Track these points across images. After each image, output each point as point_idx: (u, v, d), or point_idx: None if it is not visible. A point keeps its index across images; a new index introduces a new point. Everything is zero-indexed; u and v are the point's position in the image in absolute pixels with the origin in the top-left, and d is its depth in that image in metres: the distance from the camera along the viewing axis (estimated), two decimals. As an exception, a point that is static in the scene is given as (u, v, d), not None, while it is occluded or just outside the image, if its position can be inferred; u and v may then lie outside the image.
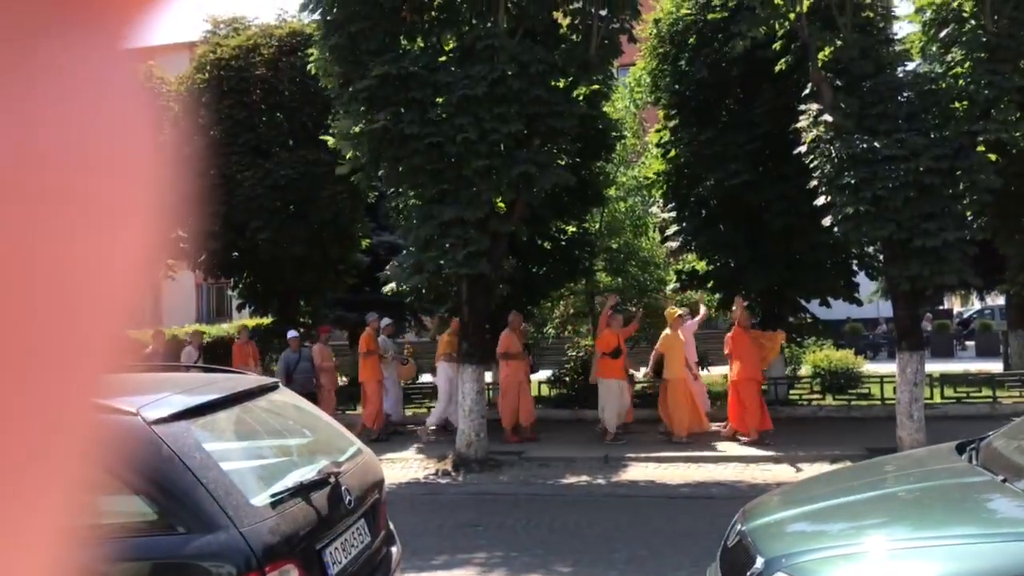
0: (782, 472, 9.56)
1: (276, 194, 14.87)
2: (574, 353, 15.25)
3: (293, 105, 15.75)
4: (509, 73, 9.67)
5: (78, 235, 0.32)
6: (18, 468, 0.30)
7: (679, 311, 12.46)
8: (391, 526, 4.52)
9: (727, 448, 10.88)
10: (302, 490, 3.49)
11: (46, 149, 0.31)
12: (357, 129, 10.03)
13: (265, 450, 4.08)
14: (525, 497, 8.74)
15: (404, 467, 10.72)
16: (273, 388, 4.35)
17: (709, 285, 15.22)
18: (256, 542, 2.99)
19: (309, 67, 11.00)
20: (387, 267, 12.19)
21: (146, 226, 0.35)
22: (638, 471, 9.94)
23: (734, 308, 12.29)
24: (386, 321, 13.60)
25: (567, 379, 14.84)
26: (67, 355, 0.32)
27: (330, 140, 10.86)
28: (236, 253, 16.05)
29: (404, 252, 11.31)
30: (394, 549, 4.42)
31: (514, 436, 11.81)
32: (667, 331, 11.90)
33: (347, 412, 13.66)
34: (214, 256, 15.83)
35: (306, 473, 3.72)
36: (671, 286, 16.88)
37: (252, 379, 4.42)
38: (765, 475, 9.48)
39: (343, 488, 3.78)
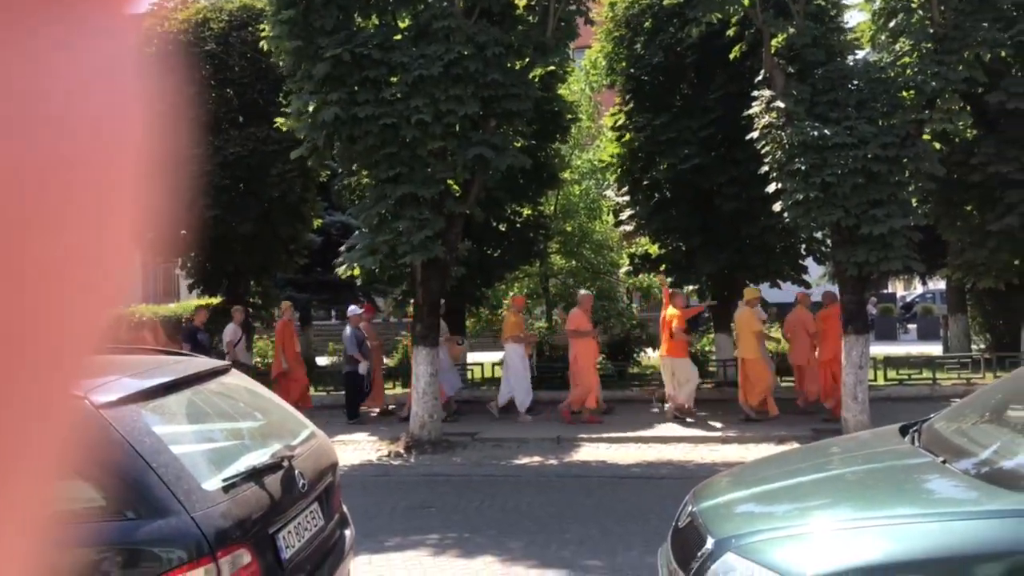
0: (730, 452, 9.75)
1: (225, 171, 14.60)
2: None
3: (244, 81, 15.44)
4: (465, 54, 9.60)
5: (58, 218, 0.31)
6: None
7: (757, 290, 12.40)
8: (344, 509, 4.51)
9: (676, 429, 11.05)
10: (255, 474, 3.46)
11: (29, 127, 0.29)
12: (311, 109, 9.88)
13: (217, 434, 4.03)
14: (478, 478, 8.79)
15: (357, 449, 10.68)
16: (225, 371, 4.29)
17: (662, 268, 15.38)
18: (208, 527, 2.96)
19: (261, 43, 10.79)
20: (341, 248, 12.09)
21: (127, 207, 0.34)
22: (590, 452, 10.05)
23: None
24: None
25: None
26: (40, 339, 0.31)
27: (282, 122, 10.69)
28: (184, 232, 15.74)
29: (357, 233, 11.21)
30: (348, 532, 4.41)
31: (594, 417, 11.56)
32: (745, 308, 11.80)
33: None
34: (161, 235, 15.49)
35: (259, 457, 3.68)
36: (624, 269, 17.02)
37: (203, 362, 4.36)
38: (713, 455, 9.65)
39: (296, 471, 3.75)
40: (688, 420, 11.40)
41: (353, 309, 13.27)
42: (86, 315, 0.33)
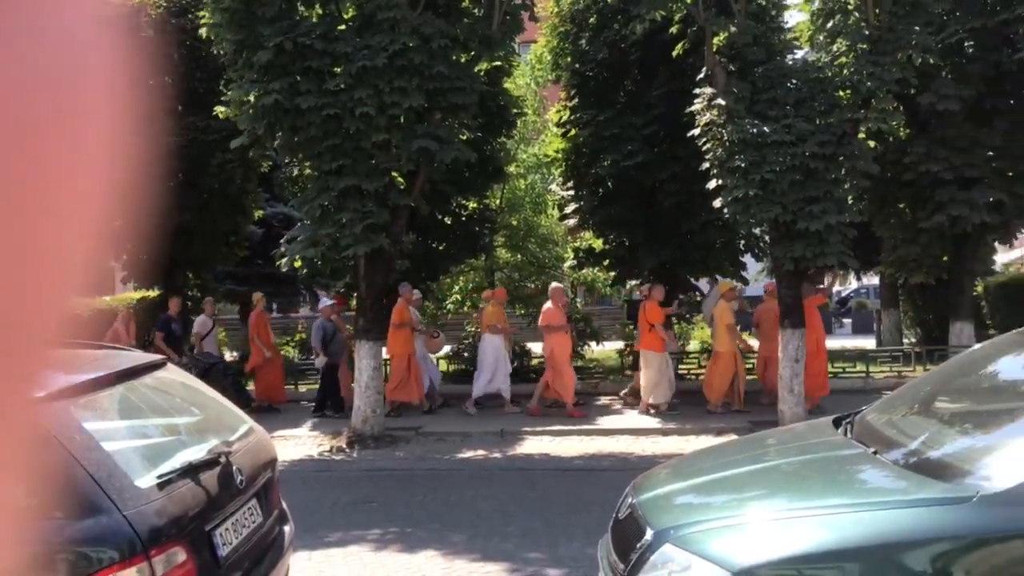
0: (670, 444, 9.89)
1: (163, 161, 14.23)
2: (473, 329, 15.29)
3: (182, 70, 15.08)
4: (410, 46, 9.53)
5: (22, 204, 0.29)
6: None
7: (733, 283, 12.42)
8: (284, 505, 4.45)
9: (617, 421, 11.17)
10: (191, 470, 3.39)
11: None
12: (252, 98, 9.70)
13: (152, 430, 3.93)
14: (421, 473, 8.76)
15: (298, 444, 10.55)
16: (160, 365, 4.19)
17: (605, 263, 15.52)
18: (141, 525, 2.89)
19: (200, 31, 10.55)
20: (282, 240, 11.90)
21: (78, 199, 0.32)
22: (533, 444, 10.10)
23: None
24: (417, 294, 13.22)
25: (466, 354, 14.87)
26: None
27: (221, 111, 10.47)
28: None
29: (299, 225, 11.06)
30: (287, 528, 4.36)
31: (578, 411, 11.51)
32: (720, 301, 11.89)
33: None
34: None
35: (195, 453, 3.61)
36: (568, 263, 17.12)
37: (137, 356, 4.25)
38: (654, 447, 9.78)
39: (234, 467, 3.69)
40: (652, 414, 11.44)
41: (324, 301, 13.08)
42: (38, 309, 0.31)
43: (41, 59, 0.30)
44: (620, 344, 15.98)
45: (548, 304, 11.88)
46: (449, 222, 14.94)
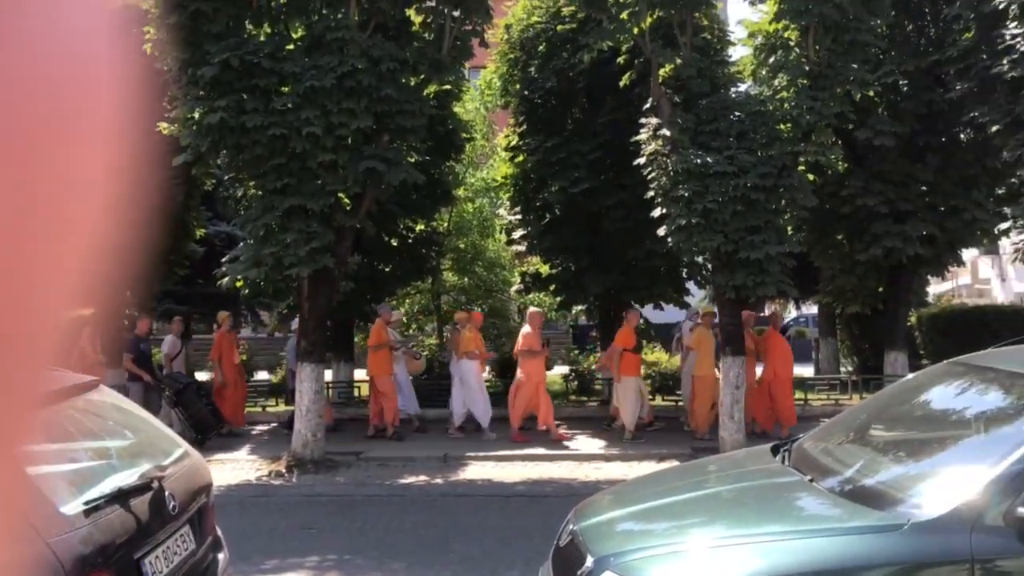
0: (613, 470, 9.92)
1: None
2: (441, 351, 15.22)
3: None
4: (359, 67, 9.50)
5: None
6: None
7: (712, 308, 12.37)
8: (218, 531, 4.33)
9: (561, 447, 11.16)
10: (120, 496, 3.28)
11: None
12: (196, 115, 9.55)
13: (80, 454, 3.79)
14: (361, 498, 8.62)
15: (236, 468, 10.31)
16: (91, 387, 4.06)
17: (552, 287, 15.59)
18: (65, 554, 2.78)
19: (145, 46, 10.36)
20: (224, 259, 11.68)
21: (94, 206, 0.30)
22: (476, 470, 10.03)
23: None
24: (396, 314, 12.97)
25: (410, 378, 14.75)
26: None
27: (165, 127, 10.29)
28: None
29: (242, 244, 10.88)
30: (221, 555, 4.24)
31: (521, 436, 11.43)
32: (700, 328, 11.90)
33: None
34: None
35: (126, 478, 3.49)
36: (516, 287, 17.16)
37: (67, 377, 4.11)
38: (597, 473, 9.80)
39: (167, 493, 3.58)
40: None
41: (294, 323, 12.88)
42: (31, 324, 0.29)
43: (42, 61, 0.28)
44: (565, 369, 16.03)
45: (527, 328, 11.91)
46: (396, 244, 14.87)
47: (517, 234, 15.15)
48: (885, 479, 3.50)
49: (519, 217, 15.07)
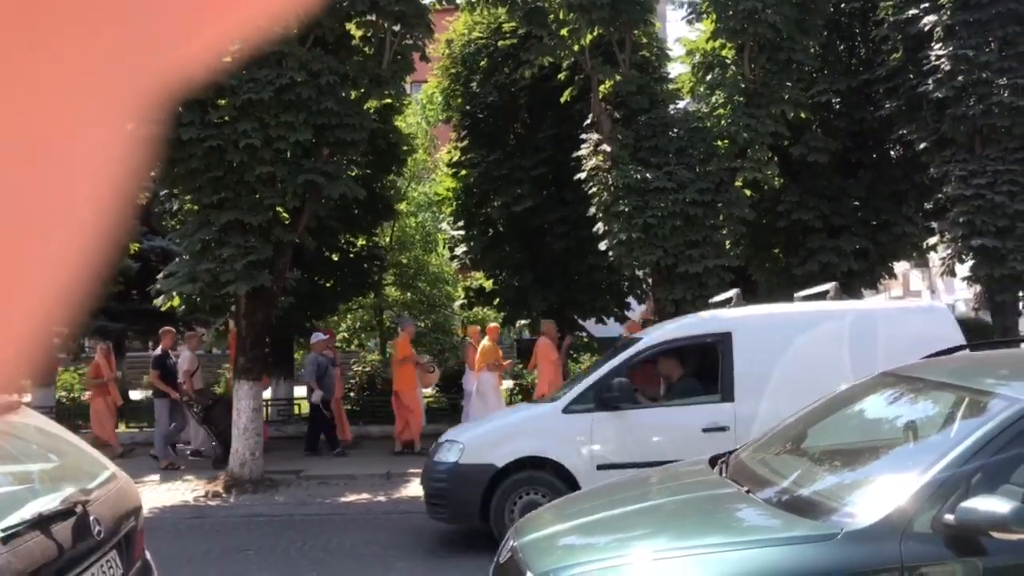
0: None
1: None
2: (360, 368, 15.03)
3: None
4: (298, 80, 9.39)
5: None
6: None
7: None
8: (148, 555, 4.18)
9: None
10: (41, 522, 3.14)
11: None
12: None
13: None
14: (301, 518, 8.45)
15: (171, 489, 10.02)
16: (13, 408, 3.89)
17: (495, 302, 15.59)
18: (-20, 584, 2.65)
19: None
20: (159, 275, 11.39)
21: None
22: (420, 487, 9.90)
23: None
24: (409, 324, 12.80)
25: (351, 394, 14.58)
26: None
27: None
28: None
29: (177, 260, 10.63)
30: (151, 581, 4.09)
31: None
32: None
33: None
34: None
35: (48, 503, 3.35)
36: (459, 302, 17.11)
37: (-14, 398, 3.93)
38: (542, 488, 9.76)
39: (92, 517, 3.44)
40: None
41: (317, 335, 12.70)
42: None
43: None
44: (510, 383, 16.00)
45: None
46: (337, 259, 14.70)
47: (460, 249, 15.12)
48: (819, 489, 3.55)
49: (462, 232, 15.05)
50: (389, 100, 11.76)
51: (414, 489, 9.83)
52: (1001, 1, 10.92)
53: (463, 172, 14.46)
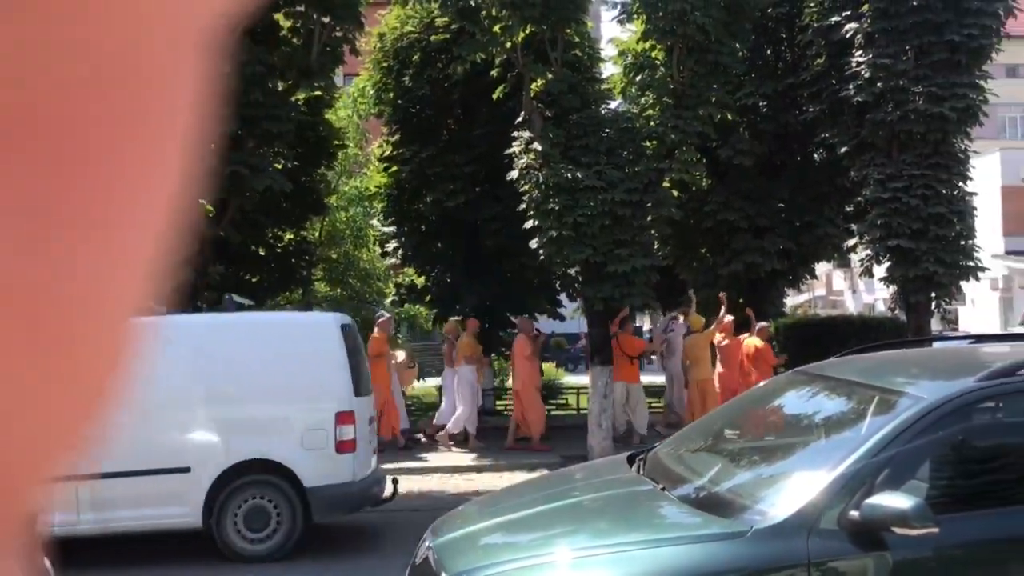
0: (485, 481, 9.88)
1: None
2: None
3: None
4: (224, 70, 9.15)
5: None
6: None
7: (701, 318, 12.60)
8: (47, 564, 4.01)
9: (433, 459, 11.06)
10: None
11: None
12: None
13: None
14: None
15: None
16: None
17: (427, 299, 15.50)
18: None
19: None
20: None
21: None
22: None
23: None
24: (385, 318, 12.46)
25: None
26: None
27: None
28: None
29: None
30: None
31: (542, 444, 11.40)
32: (694, 334, 12.17)
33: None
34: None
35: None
36: (390, 299, 16.96)
37: None
38: (469, 484, 9.74)
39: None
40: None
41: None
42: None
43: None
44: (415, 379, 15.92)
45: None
46: (264, 253, 14.40)
47: (391, 245, 14.98)
48: (732, 486, 3.60)
49: (393, 228, 14.91)
50: (319, 93, 11.57)
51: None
52: (917, 12, 11.29)
53: (395, 168, 14.33)
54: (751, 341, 11.57)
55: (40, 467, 0.25)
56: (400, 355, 12.87)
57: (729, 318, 11.82)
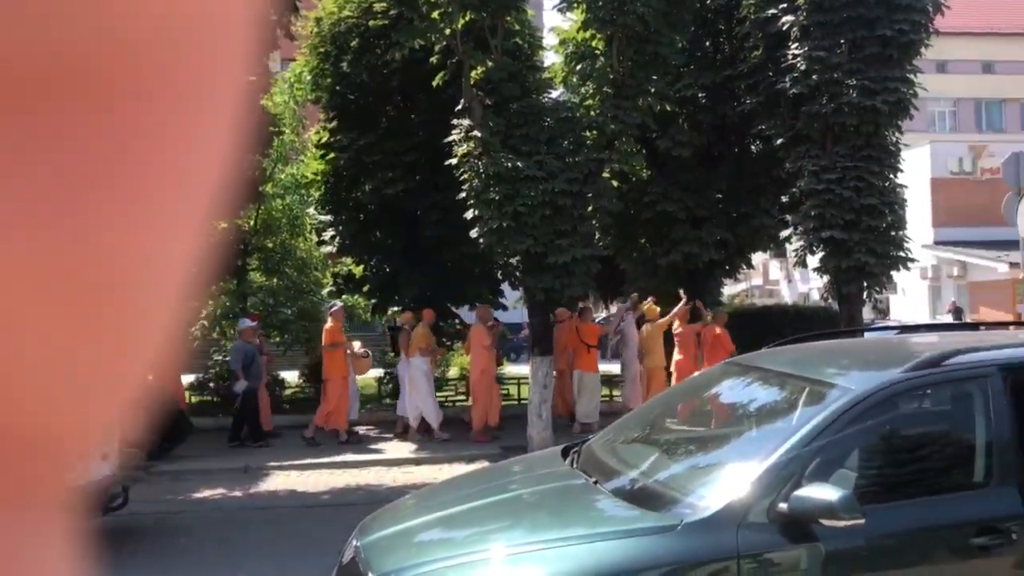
0: (424, 474, 9.77)
1: None
2: (220, 358, 14.40)
3: None
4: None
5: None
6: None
7: (656, 307, 12.50)
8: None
9: (369, 453, 10.91)
10: None
11: None
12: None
13: None
14: (146, 516, 7.97)
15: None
16: None
17: (365, 289, 15.27)
18: None
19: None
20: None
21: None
22: (279, 480, 9.59)
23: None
24: (337, 308, 12.28)
25: (212, 384, 13.97)
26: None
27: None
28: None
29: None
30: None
31: (483, 436, 11.26)
32: (648, 324, 12.16)
33: None
34: None
35: None
36: (327, 289, 16.67)
37: None
38: (407, 477, 9.63)
39: None
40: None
41: (244, 321, 12.13)
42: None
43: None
44: (380, 372, 15.73)
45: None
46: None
47: (328, 234, 14.71)
48: (663, 479, 3.58)
49: (330, 216, 14.64)
50: (252, 78, 11.24)
51: (273, 483, 9.51)
52: (850, 6, 11.46)
53: (332, 155, 14.05)
54: (711, 328, 11.80)
55: (86, 439, 0.26)
56: (356, 345, 12.66)
57: (684, 307, 12.07)
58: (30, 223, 0.21)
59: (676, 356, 12.07)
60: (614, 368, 14.73)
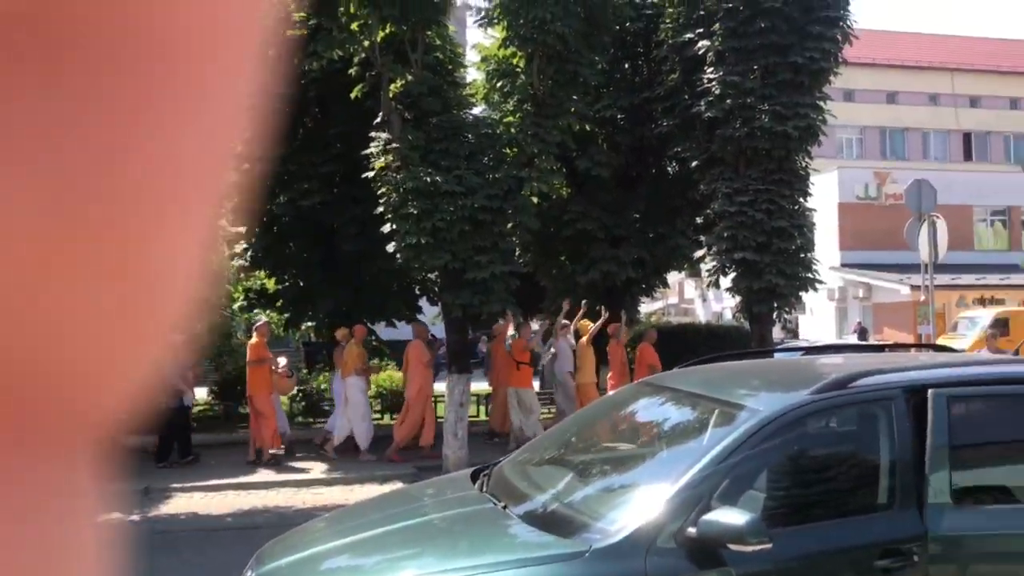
0: (335, 495, 9.51)
1: None
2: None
3: None
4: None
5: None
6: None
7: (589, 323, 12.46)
8: None
9: (275, 475, 10.56)
10: None
11: None
12: None
13: None
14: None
15: None
16: None
17: (278, 304, 14.89)
18: None
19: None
20: None
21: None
22: (181, 503, 9.18)
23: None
24: (263, 324, 11.83)
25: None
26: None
27: None
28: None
29: None
30: None
31: (398, 455, 10.97)
32: (583, 340, 12.12)
33: None
34: None
35: None
36: (238, 303, 16.20)
37: None
38: (317, 499, 9.35)
39: None
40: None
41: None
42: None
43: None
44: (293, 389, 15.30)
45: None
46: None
47: (240, 246, 14.29)
48: (572, 503, 3.50)
49: (242, 229, 14.22)
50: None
51: (174, 505, 9.10)
52: (764, 33, 11.79)
53: (246, 165, 13.63)
54: (642, 345, 12.15)
55: (121, 395, 0.25)
56: (282, 361, 12.25)
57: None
58: (53, 212, 0.21)
59: (609, 374, 12.22)
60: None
